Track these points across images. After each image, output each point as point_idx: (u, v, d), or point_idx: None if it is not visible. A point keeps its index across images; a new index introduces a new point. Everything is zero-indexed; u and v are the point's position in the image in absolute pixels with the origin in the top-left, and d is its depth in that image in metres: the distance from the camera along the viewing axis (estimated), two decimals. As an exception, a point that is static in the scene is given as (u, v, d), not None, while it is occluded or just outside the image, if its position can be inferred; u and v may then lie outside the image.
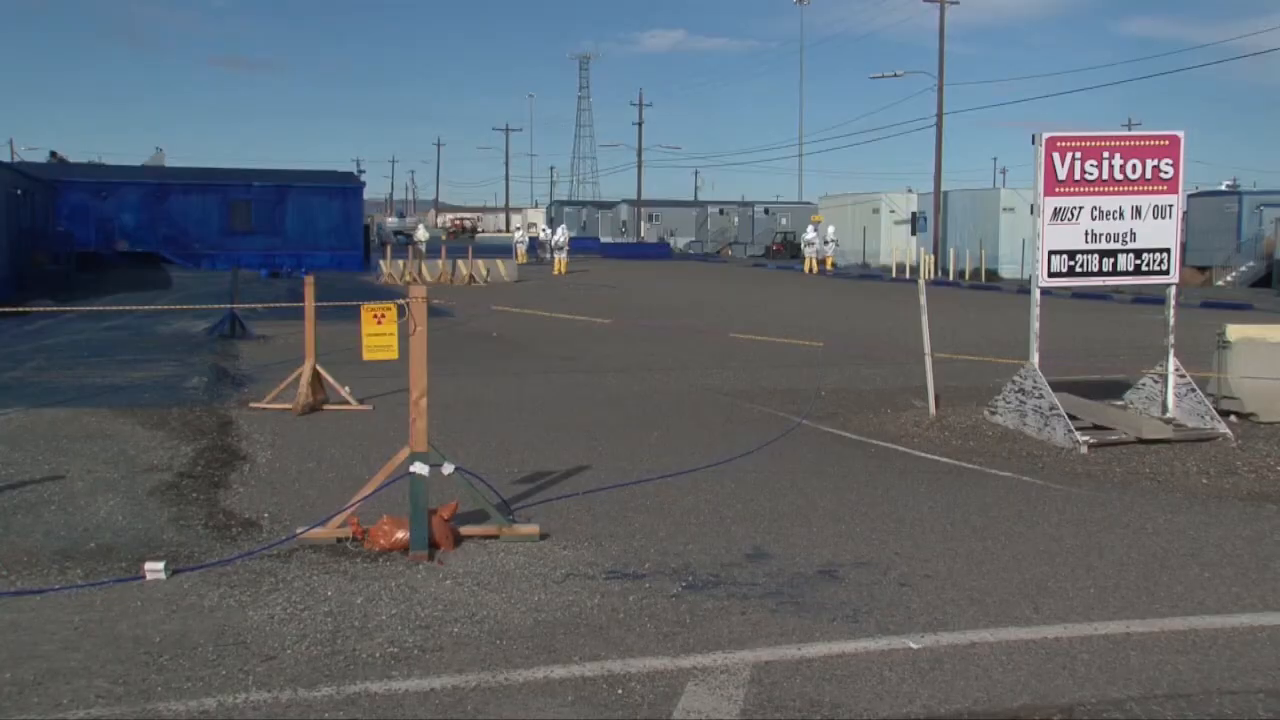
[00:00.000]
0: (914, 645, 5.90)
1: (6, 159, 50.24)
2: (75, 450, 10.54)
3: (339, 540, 7.62)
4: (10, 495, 8.84)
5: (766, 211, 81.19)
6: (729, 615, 6.33)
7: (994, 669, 5.60)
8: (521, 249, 58.97)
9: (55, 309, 23.72)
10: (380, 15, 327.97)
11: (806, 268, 53.93)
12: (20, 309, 25.30)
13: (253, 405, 13.34)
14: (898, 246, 52.91)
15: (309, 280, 13.90)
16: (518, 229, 73.76)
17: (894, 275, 48.81)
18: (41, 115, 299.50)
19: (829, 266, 55.12)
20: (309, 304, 13.50)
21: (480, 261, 43.73)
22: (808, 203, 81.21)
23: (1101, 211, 11.88)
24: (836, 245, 56.46)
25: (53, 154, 65.21)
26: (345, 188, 55.26)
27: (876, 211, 58.75)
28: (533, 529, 7.91)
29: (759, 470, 10.30)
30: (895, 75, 56.20)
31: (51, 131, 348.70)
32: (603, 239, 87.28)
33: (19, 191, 36.90)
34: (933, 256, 48.76)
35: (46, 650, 5.67)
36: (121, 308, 24.60)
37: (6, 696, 5.10)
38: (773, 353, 19.78)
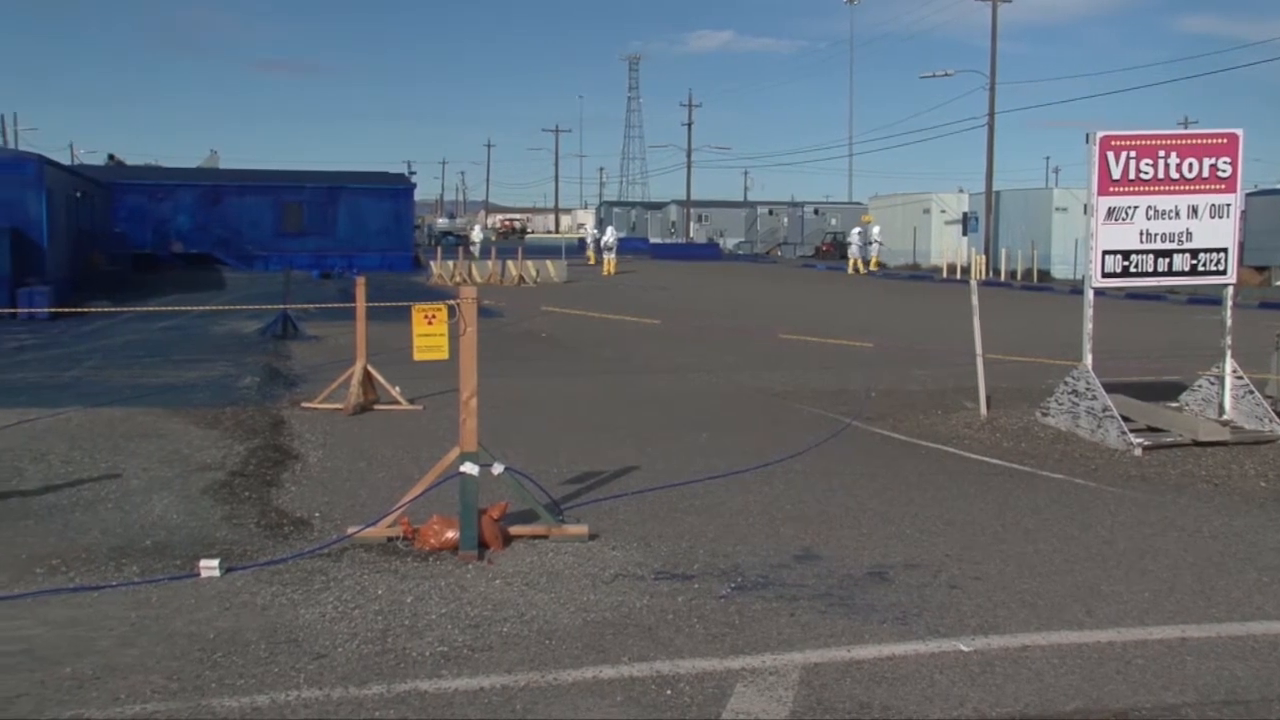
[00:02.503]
0: (965, 648, 5.85)
1: (66, 162, 50.96)
2: (131, 449, 10.68)
3: (389, 539, 7.66)
4: (69, 492, 8.98)
5: (816, 212, 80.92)
6: (778, 617, 6.31)
7: (1046, 672, 5.55)
8: (591, 250, 59.05)
9: (112, 309, 24.06)
10: (431, 17, 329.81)
11: (851, 268, 53.74)
12: (79, 309, 25.68)
13: (304, 405, 13.45)
14: (948, 247, 52.56)
15: (360, 281, 14.01)
16: (581, 226, 73.74)
17: (944, 276, 48.47)
18: (100, 119, 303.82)
19: (874, 267, 54.85)
20: (360, 305, 13.61)
21: (530, 262, 43.88)
22: (857, 203, 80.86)
23: (1157, 211, 11.73)
24: (882, 245, 56.17)
25: (111, 157, 66.23)
26: (396, 189, 55.62)
27: (927, 212, 58.38)
28: (582, 529, 7.92)
29: (808, 471, 10.26)
30: (945, 74, 55.82)
31: (110, 134, 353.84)
32: (652, 240, 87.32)
33: (78, 194, 37.47)
34: (984, 257, 48.38)
35: (104, 646, 5.75)
36: (176, 308, 24.91)
37: (66, 691, 5.17)
38: (822, 353, 19.70)
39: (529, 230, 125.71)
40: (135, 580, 6.83)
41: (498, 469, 7.73)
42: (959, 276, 46.06)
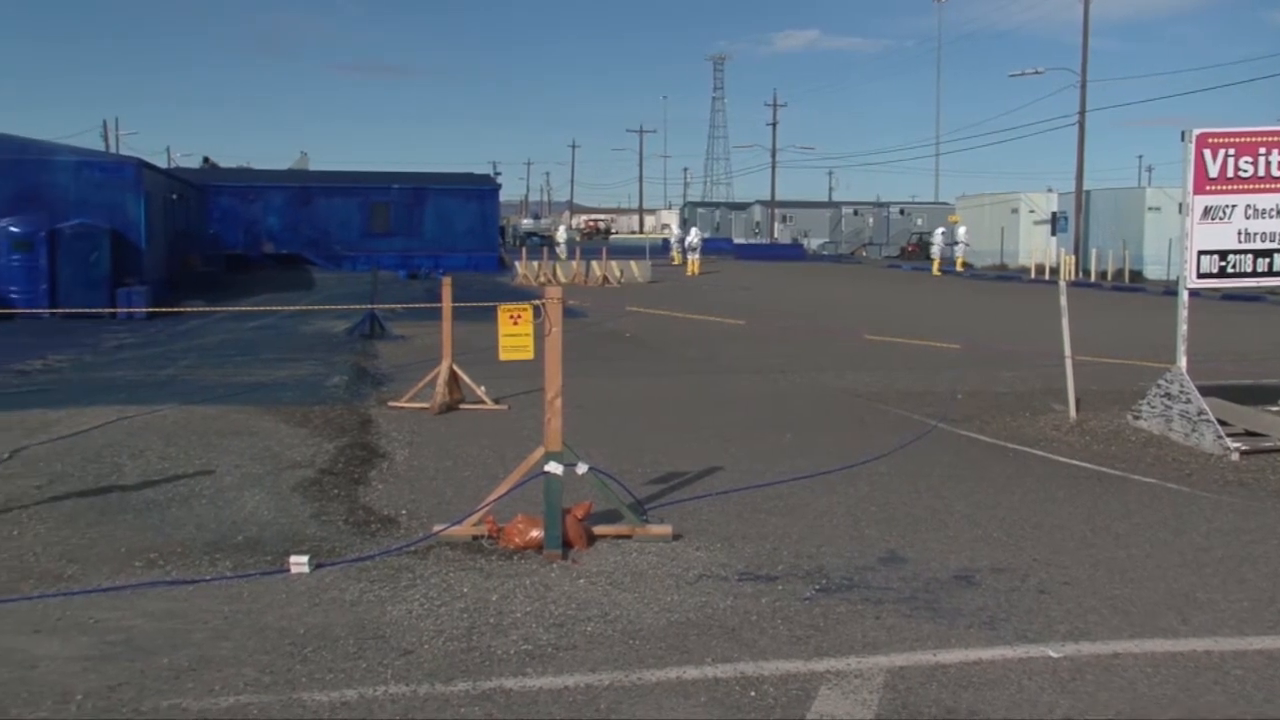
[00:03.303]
0: (1054, 654, 5.76)
1: (164, 165, 52.17)
2: (224, 446, 10.90)
3: (475, 538, 7.73)
4: (165, 488, 9.19)
5: (902, 212, 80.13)
6: (863, 619, 6.27)
7: (1139, 681, 5.44)
8: (675, 250, 59.05)
9: (206, 309, 24.59)
10: (516, 19, 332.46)
11: (935, 269, 53.14)
12: (175, 309, 26.29)
13: (391, 404, 13.63)
14: (1037, 247, 51.75)
15: (446, 281, 14.15)
16: (665, 227, 73.73)
17: (1032, 276, 47.72)
18: (196, 122, 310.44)
19: (960, 267, 54.19)
20: (446, 304, 13.75)
21: (614, 263, 44.01)
22: (944, 203, 79.93)
23: (1256, 210, 11.44)
24: (968, 246, 55.48)
25: (205, 159, 67.61)
26: (482, 189, 56.10)
27: (1015, 211, 57.50)
28: (666, 529, 7.93)
29: (893, 473, 10.17)
30: (1036, 72, 54.91)
31: (205, 138, 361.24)
32: (736, 240, 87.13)
33: (174, 196, 38.33)
34: (1073, 257, 47.52)
35: (199, 638, 5.87)
36: (267, 308, 25.37)
37: (164, 681, 5.30)
38: (907, 354, 19.51)
39: (613, 231, 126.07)
40: (228, 575, 6.97)
41: (582, 469, 7.76)
42: (1047, 277, 45.32)
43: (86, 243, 28.20)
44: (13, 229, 28.06)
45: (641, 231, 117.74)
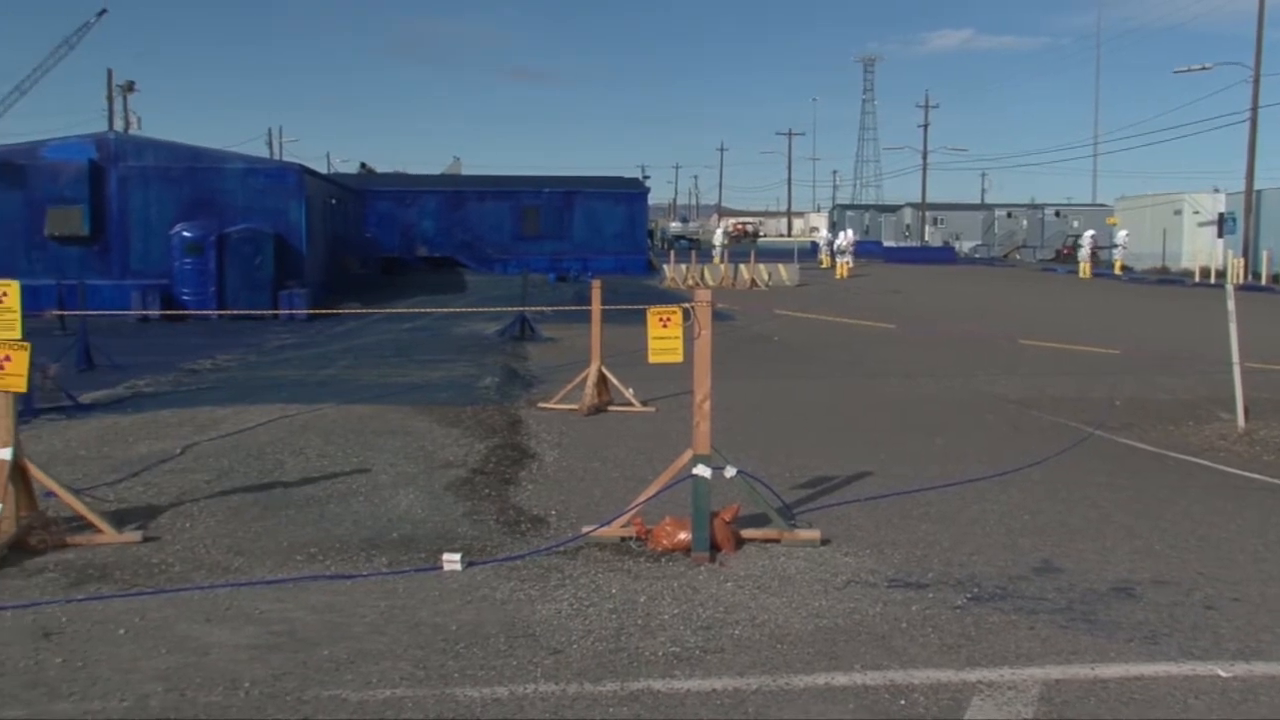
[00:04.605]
0: (1223, 673, 5.54)
1: (323, 170, 53.83)
2: (379, 445, 11.19)
3: (623, 539, 7.79)
4: (325, 485, 9.48)
5: (1057, 214, 78.12)
6: (1016, 630, 6.13)
7: (1312, 703, 5.20)
8: (824, 253, 58.62)
9: (362, 311, 25.26)
10: (664, 23, 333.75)
11: (1082, 272, 51.61)
12: (333, 311, 27.10)
13: (541, 405, 13.81)
14: (1201, 250, 49.88)
15: (595, 284, 14.29)
16: (814, 230, 73.11)
17: (1196, 279, 46.04)
18: (354, 128, 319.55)
19: (1118, 270, 52.55)
20: (595, 307, 13.88)
21: (762, 266, 43.89)
22: (1101, 205, 77.66)
23: None
24: (1125, 249, 53.78)
25: (363, 165, 69.57)
26: (630, 193, 56.56)
27: (1178, 213, 55.52)
28: (814, 534, 7.87)
29: (1047, 481, 9.91)
30: (1203, 69, 52.93)
31: (363, 143, 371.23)
32: (885, 243, 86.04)
33: (333, 201, 39.53)
34: (1242, 260, 45.67)
35: (357, 632, 6.05)
36: (420, 310, 25.95)
37: (325, 672, 5.47)
38: (1063, 360, 19.01)
39: (761, 234, 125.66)
40: (384, 571, 7.15)
41: (730, 472, 7.76)
42: (1213, 280, 43.66)
43: (252, 246, 29.32)
44: (185, 233, 29.36)
45: (789, 235, 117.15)
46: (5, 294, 7.70)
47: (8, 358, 7.46)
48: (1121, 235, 53.99)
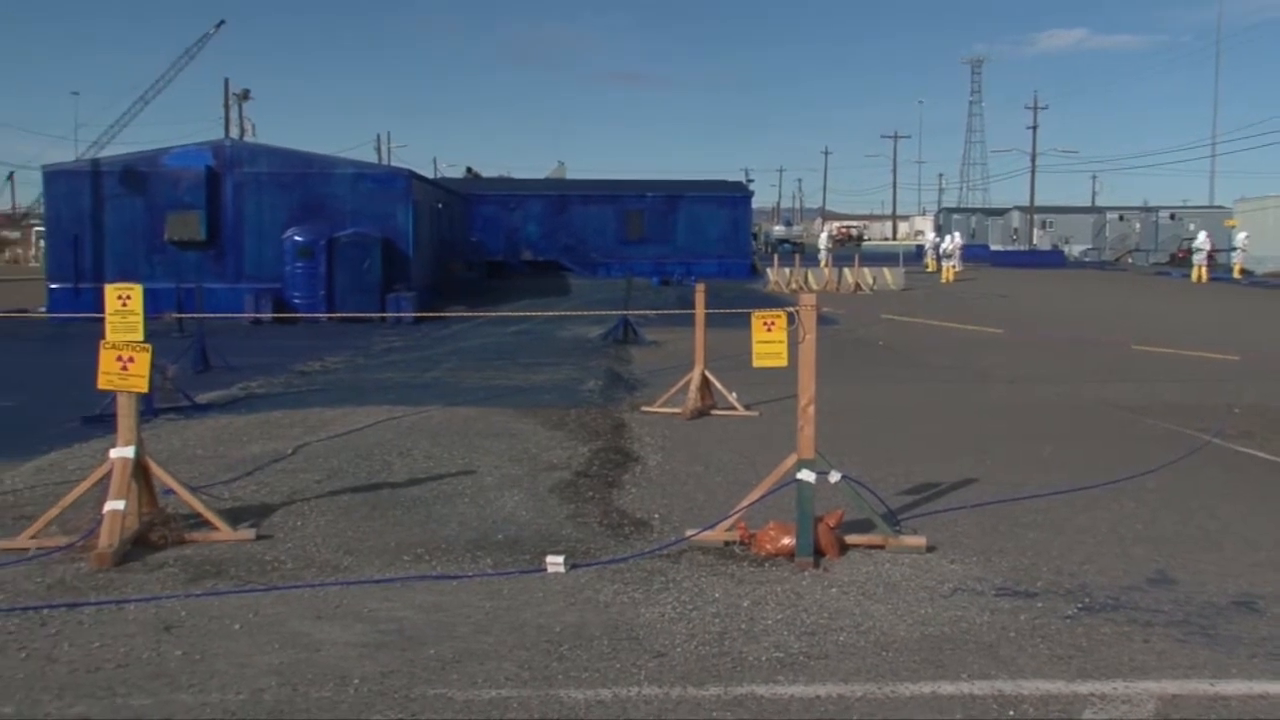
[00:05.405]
0: (1346, 691, 5.36)
1: (430, 175, 54.62)
2: (484, 447, 11.32)
3: (726, 543, 7.78)
4: (432, 486, 9.62)
5: (1172, 217, 76.08)
6: (1130, 642, 5.99)
7: None
8: (930, 257, 57.89)
9: (468, 314, 25.61)
10: (767, 26, 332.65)
11: (1195, 276, 50.13)
12: (439, 314, 27.48)
13: (644, 409, 13.85)
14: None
15: (699, 288, 14.30)
16: (919, 233, 72.12)
17: (1321, 282, 44.54)
18: (461, 133, 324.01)
19: (1237, 274, 51.01)
20: (699, 311, 13.89)
21: (866, 269, 43.49)
22: (1220, 207, 75.50)
23: None
24: (1245, 252, 52.19)
25: (469, 169, 70.50)
26: (734, 197, 56.44)
27: (1303, 214, 53.75)
28: (919, 540, 7.79)
29: (1162, 490, 9.67)
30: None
31: (469, 147, 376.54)
32: (992, 247, 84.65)
33: (439, 205, 40.08)
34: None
35: (462, 632, 6.13)
36: (525, 313, 26.21)
37: (432, 671, 5.55)
38: (1177, 366, 18.53)
39: (865, 238, 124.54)
40: (489, 572, 7.24)
41: (835, 477, 7.70)
42: (1339, 283, 42.20)
43: (360, 250, 29.88)
44: (297, 238, 30.03)
45: (894, 238, 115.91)
46: (129, 297, 7.96)
47: (131, 359, 7.70)
48: (1241, 238, 52.39)
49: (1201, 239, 52.04)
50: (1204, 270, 50.23)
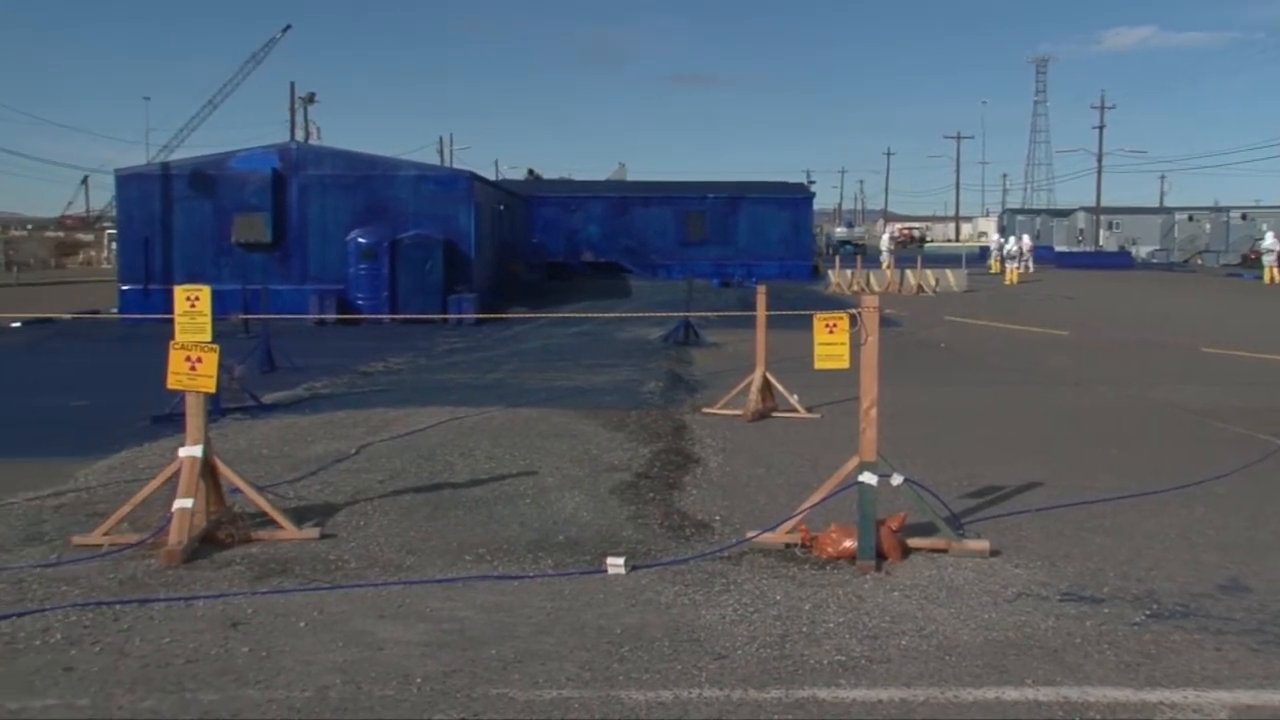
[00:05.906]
0: None
1: (492, 177, 54.95)
2: (545, 448, 11.36)
3: (787, 546, 7.75)
4: (494, 486, 9.67)
5: (1244, 217, 74.68)
6: (1200, 650, 5.89)
7: None
8: (994, 258, 57.25)
9: (529, 315, 25.72)
10: (828, 26, 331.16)
11: (1267, 278, 49.11)
12: (501, 315, 27.63)
13: (705, 410, 13.83)
14: None
15: (760, 289, 14.26)
16: (982, 235, 71.23)
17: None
18: (523, 135, 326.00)
19: None
20: (760, 313, 13.85)
21: (929, 271, 43.17)
22: (1293, 206, 74.02)
23: None
24: None
25: (530, 171, 70.81)
26: (795, 198, 56.19)
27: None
28: (983, 544, 7.71)
29: (1233, 495, 9.50)
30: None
31: (531, 149, 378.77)
32: (1057, 248, 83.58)
33: (501, 207, 40.32)
34: None
35: (523, 632, 6.15)
36: (586, 314, 26.28)
37: (493, 671, 5.58)
38: (1249, 369, 18.20)
39: (928, 239, 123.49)
40: (550, 573, 7.26)
41: (897, 480, 7.65)
42: None
43: (423, 252, 30.12)
44: (360, 239, 30.35)
45: (957, 239, 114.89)
46: (198, 298, 8.08)
47: (199, 359, 7.82)
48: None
49: (1270, 240, 51.04)
50: (1275, 271, 49.24)
